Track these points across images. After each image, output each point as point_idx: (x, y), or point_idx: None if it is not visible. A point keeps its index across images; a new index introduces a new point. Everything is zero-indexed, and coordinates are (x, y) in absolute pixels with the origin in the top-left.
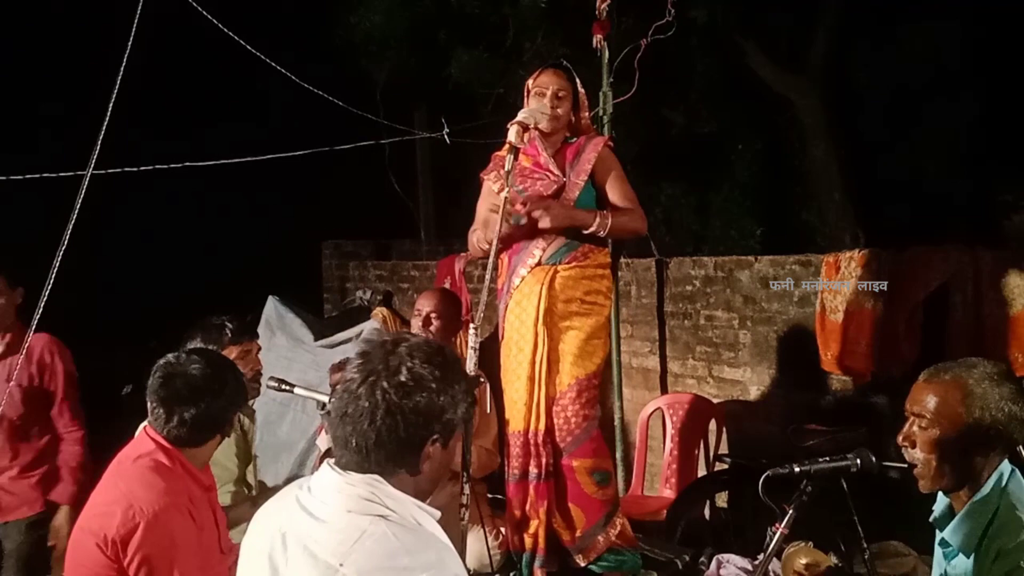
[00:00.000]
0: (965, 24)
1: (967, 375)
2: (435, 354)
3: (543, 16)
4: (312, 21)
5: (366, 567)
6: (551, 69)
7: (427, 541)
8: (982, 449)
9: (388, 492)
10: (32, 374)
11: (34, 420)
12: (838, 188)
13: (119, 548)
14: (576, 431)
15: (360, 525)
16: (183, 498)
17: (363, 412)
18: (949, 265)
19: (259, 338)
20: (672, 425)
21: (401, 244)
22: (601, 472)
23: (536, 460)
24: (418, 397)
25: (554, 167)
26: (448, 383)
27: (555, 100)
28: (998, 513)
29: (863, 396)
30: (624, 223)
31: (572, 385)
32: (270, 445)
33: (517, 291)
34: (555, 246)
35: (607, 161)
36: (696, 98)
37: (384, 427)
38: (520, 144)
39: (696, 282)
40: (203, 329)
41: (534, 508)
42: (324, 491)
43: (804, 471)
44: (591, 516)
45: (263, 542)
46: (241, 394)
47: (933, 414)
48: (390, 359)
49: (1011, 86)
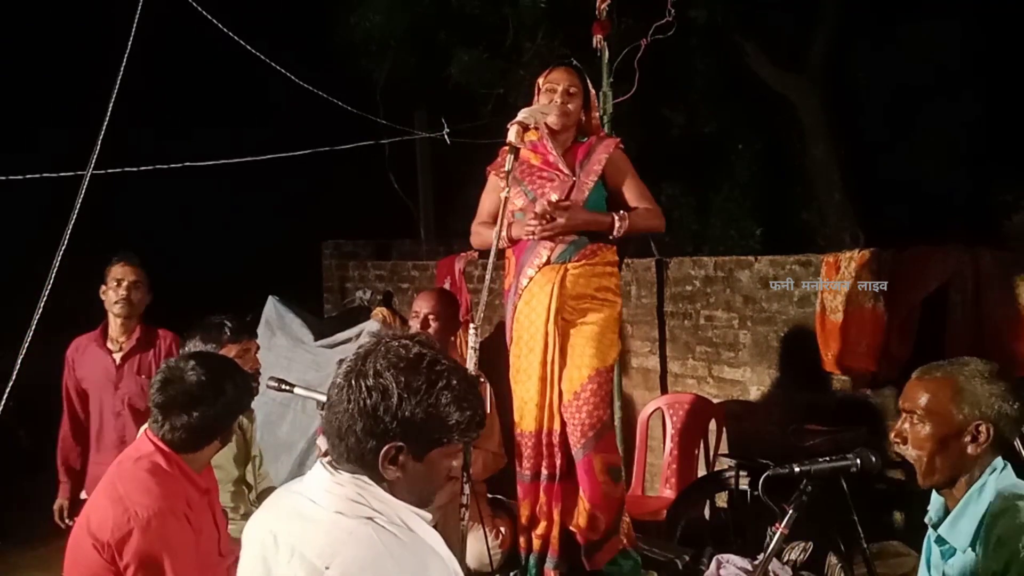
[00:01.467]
0: (965, 24)
1: (958, 372)
2: (410, 363)
3: (543, 16)
4: (312, 21)
5: (351, 570)
6: (562, 67)
7: (412, 546)
8: (973, 446)
9: (376, 494)
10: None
11: None
12: (838, 188)
13: (114, 551)
14: (595, 428)
15: (347, 527)
16: (180, 502)
17: (336, 403)
18: (949, 265)
19: (258, 338)
20: (672, 425)
21: (401, 244)
22: (615, 468)
23: (549, 460)
24: (378, 401)
25: (564, 166)
26: (418, 394)
27: (565, 97)
28: (991, 507)
29: (863, 396)
30: (641, 223)
31: (587, 383)
32: (270, 445)
33: (526, 291)
34: (563, 245)
35: (619, 163)
36: (696, 98)
37: (346, 424)
38: (520, 144)
39: (696, 282)
40: (202, 328)
41: (548, 508)
42: (314, 490)
43: (804, 471)
44: (608, 516)
45: (257, 542)
46: (243, 401)
47: (924, 411)
48: (368, 358)
49: (1011, 86)
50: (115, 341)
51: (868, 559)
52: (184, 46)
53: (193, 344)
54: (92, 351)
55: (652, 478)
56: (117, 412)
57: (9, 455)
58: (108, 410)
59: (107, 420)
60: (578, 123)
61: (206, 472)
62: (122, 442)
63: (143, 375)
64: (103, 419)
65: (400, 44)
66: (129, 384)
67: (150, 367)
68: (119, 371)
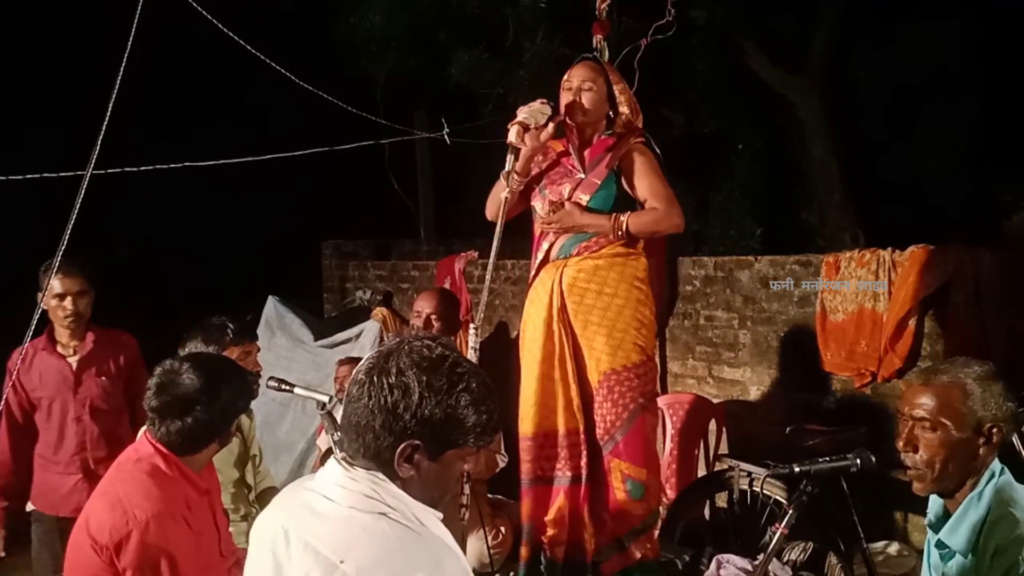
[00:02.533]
0: (965, 24)
1: (965, 375)
2: (432, 363)
3: (543, 16)
4: (312, 21)
5: (365, 564)
6: (580, 63)
7: (427, 542)
8: (986, 448)
9: (390, 490)
10: (123, 367)
11: (119, 413)
12: (838, 188)
13: (112, 553)
14: (612, 430)
15: (361, 522)
16: (179, 504)
17: (356, 399)
18: (949, 265)
19: (258, 339)
20: (672, 425)
21: (401, 244)
22: (634, 482)
23: (565, 463)
24: (399, 398)
25: (577, 162)
26: (439, 394)
27: (580, 93)
28: (991, 511)
29: (863, 396)
30: (648, 223)
31: (602, 381)
32: (270, 445)
33: (532, 289)
34: (563, 240)
35: (636, 160)
36: (696, 98)
37: (364, 420)
38: (520, 145)
39: (696, 282)
40: (204, 329)
41: (557, 512)
42: (328, 486)
43: (804, 471)
44: (620, 525)
45: (267, 538)
46: (239, 403)
47: (936, 416)
48: (391, 356)
49: (1011, 86)
50: (66, 347)
51: (868, 559)
52: (184, 46)
53: (195, 345)
54: (42, 359)
55: None
56: (77, 417)
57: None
58: (68, 416)
59: (67, 426)
60: (604, 117)
61: (207, 472)
62: (83, 447)
63: (103, 377)
64: (63, 426)
65: (400, 44)
66: (90, 387)
67: (111, 370)
68: (77, 376)
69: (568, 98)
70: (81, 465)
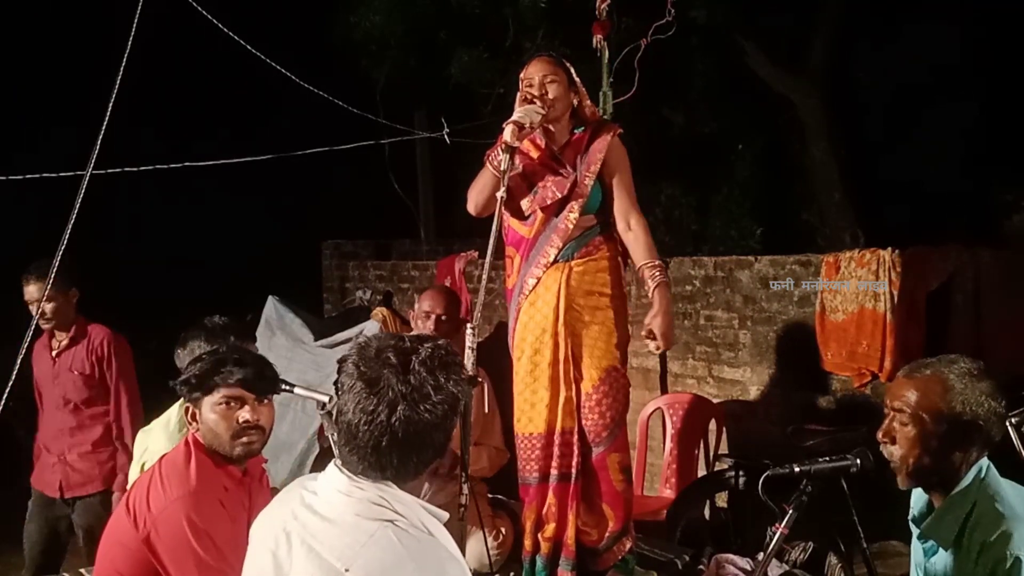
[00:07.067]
0: (965, 24)
1: (947, 370)
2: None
3: (543, 16)
4: (312, 21)
5: (371, 572)
6: (535, 59)
7: (433, 550)
8: (961, 444)
9: (397, 496)
10: (93, 363)
11: (96, 406)
12: (838, 188)
13: (148, 528)
14: (610, 425)
15: (368, 529)
16: (216, 486)
17: (375, 414)
18: (949, 265)
19: (257, 340)
20: (672, 425)
21: (401, 244)
22: (628, 468)
23: (560, 461)
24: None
25: (564, 160)
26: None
27: (544, 87)
28: (976, 506)
29: (863, 396)
30: (648, 241)
31: (603, 379)
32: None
33: (533, 292)
34: (568, 241)
35: (617, 155)
36: (696, 98)
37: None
38: (516, 144)
39: (696, 282)
40: (206, 330)
41: (559, 509)
42: (331, 492)
43: (804, 471)
44: (620, 516)
45: (268, 539)
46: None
47: (914, 408)
48: (409, 372)
49: (1011, 86)
50: (57, 340)
51: (868, 559)
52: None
53: (196, 344)
54: (39, 351)
55: (652, 478)
56: (57, 406)
57: (9, 455)
58: (51, 405)
59: (51, 414)
60: (570, 110)
61: (252, 463)
62: (59, 434)
63: (75, 371)
64: (49, 413)
65: (400, 44)
66: (64, 380)
67: (82, 363)
68: (55, 367)
69: (534, 93)
70: (56, 451)
